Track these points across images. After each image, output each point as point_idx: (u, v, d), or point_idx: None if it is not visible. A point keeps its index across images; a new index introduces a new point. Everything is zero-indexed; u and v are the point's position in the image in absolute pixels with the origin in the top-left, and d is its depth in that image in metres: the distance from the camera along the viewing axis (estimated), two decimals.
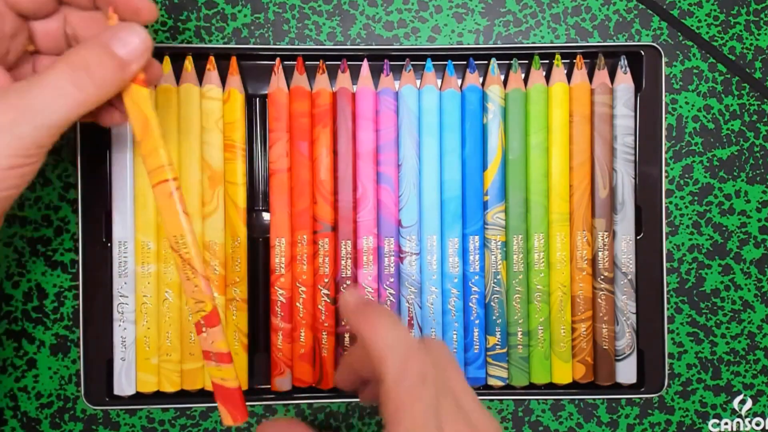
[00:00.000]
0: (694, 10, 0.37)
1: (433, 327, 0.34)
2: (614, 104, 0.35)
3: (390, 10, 0.37)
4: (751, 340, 0.38)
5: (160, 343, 0.34)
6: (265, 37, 0.36)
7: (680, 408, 0.38)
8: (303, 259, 0.34)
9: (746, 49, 0.38)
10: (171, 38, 0.36)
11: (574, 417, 0.37)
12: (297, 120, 0.34)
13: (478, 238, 0.35)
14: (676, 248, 0.38)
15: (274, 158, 0.34)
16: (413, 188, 0.34)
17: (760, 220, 0.38)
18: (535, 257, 0.35)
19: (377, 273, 0.34)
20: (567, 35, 0.37)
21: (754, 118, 0.38)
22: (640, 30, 0.37)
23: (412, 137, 0.34)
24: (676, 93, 0.37)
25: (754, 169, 0.38)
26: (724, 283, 0.38)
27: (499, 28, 0.37)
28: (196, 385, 0.34)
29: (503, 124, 0.35)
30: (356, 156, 0.34)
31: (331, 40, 0.37)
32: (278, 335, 0.34)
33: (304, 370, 0.34)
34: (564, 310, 0.35)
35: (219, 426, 0.36)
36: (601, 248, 0.35)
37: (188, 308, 0.25)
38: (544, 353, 0.35)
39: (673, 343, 0.37)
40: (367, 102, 0.34)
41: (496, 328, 0.35)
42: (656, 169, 0.35)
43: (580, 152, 0.35)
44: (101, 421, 0.36)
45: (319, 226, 0.34)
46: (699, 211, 0.38)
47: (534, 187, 0.35)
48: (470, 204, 0.35)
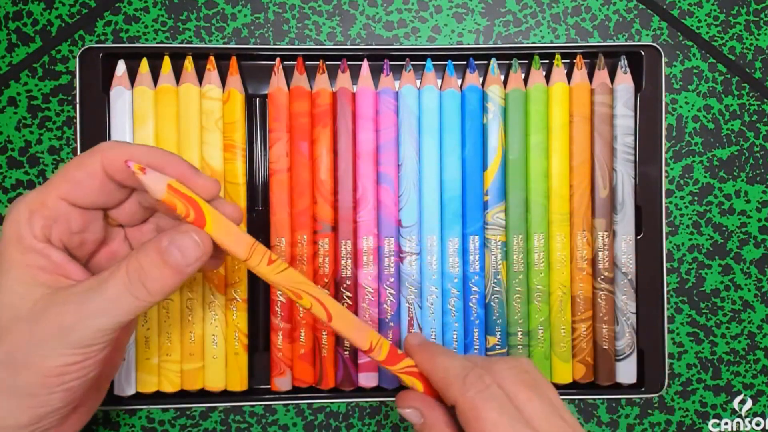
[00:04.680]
0: (694, 10, 0.37)
1: (433, 327, 0.34)
2: (614, 104, 0.35)
3: (390, 10, 0.37)
4: (751, 340, 0.38)
5: (160, 343, 0.34)
6: (265, 37, 0.36)
7: (680, 408, 0.38)
8: (303, 259, 0.34)
9: (746, 49, 0.38)
10: (171, 38, 0.36)
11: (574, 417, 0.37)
12: (297, 120, 0.34)
13: (478, 238, 0.35)
14: (676, 248, 0.38)
15: (274, 158, 0.34)
16: (413, 188, 0.34)
17: (760, 220, 0.38)
18: (535, 257, 0.35)
19: (377, 273, 0.34)
20: (567, 35, 0.37)
21: (754, 118, 0.38)
22: (640, 30, 0.37)
23: (412, 137, 0.34)
24: (676, 93, 0.37)
25: (754, 169, 0.38)
26: (724, 283, 0.38)
27: (499, 28, 0.37)
28: (196, 385, 0.34)
29: (503, 124, 0.35)
30: (356, 156, 0.34)
31: (331, 40, 0.37)
32: (278, 335, 0.34)
33: (304, 370, 0.34)
34: (564, 310, 0.35)
35: (219, 426, 0.36)
36: (601, 248, 0.35)
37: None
38: (544, 353, 0.35)
39: (673, 343, 0.37)
40: (367, 102, 0.34)
41: (496, 328, 0.35)
42: (656, 169, 0.35)
43: (580, 152, 0.35)
44: (101, 421, 0.36)
45: (319, 226, 0.34)
46: (699, 211, 0.38)
47: (534, 187, 0.35)
48: (470, 204, 0.35)
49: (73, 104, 0.36)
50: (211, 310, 0.34)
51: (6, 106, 0.36)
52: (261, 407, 0.37)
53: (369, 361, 0.34)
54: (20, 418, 0.23)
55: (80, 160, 0.24)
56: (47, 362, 0.22)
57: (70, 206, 0.24)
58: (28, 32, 0.36)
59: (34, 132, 0.36)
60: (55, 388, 0.23)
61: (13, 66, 0.36)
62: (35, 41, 0.36)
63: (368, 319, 0.34)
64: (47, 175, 0.36)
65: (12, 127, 0.36)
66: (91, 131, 0.34)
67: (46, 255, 0.23)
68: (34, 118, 0.36)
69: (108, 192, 0.24)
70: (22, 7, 0.36)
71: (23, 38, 0.36)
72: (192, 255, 0.23)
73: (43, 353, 0.22)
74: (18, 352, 0.22)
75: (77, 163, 0.24)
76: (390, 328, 0.34)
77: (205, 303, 0.34)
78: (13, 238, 0.23)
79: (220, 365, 0.34)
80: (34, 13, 0.36)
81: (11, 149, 0.36)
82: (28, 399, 0.23)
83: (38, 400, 0.23)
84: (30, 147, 0.36)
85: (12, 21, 0.36)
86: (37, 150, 0.36)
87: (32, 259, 0.23)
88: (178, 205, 0.23)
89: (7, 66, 0.36)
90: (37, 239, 0.23)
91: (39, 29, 0.36)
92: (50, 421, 0.24)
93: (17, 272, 0.23)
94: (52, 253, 0.23)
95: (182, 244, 0.23)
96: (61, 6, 0.36)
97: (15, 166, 0.36)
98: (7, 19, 0.36)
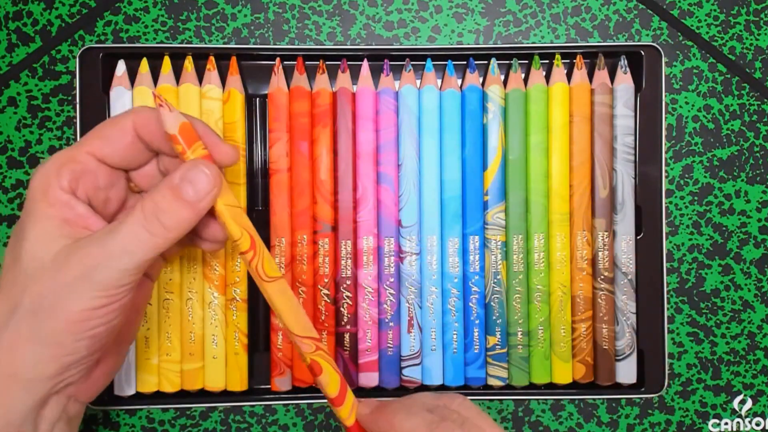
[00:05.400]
0: (694, 10, 0.37)
1: (433, 327, 0.34)
2: (614, 104, 0.35)
3: (390, 10, 0.37)
4: (751, 340, 0.38)
5: (160, 343, 0.34)
6: (265, 37, 0.36)
7: (680, 408, 0.38)
8: (303, 259, 0.34)
9: (746, 49, 0.38)
10: (171, 38, 0.36)
11: (574, 417, 0.37)
12: (297, 120, 0.34)
13: (478, 238, 0.35)
14: (676, 248, 0.38)
15: (274, 158, 0.34)
16: (413, 188, 0.34)
17: (760, 220, 0.38)
18: (535, 257, 0.35)
19: (377, 273, 0.34)
20: (567, 35, 0.37)
21: (754, 118, 0.38)
22: (640, 30, 0.37)
23: (412, 137, 0.34)
24: (676, 93, 0.37)
25: (754, 169, 0.38)
26: (724, 283, 0.38)
27: (499, 28, 0.37)
28: (196, 385, 0.34)
29: (503, 124, 0.35)
30: (356, 156, 0.34)
31: (331, 40, 0.37)
32: (278, 335, 0.34)
33: (304, 370, 0.34)
34: (564, 310, 0.35)
35: (219, 426, 0.36)
36: (601, 248, 0.35)
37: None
38: (544, 353, 0.35)
39: (673, 343, 0.37)
40: (367, 102, 0.34)
41: (496, 328, 0.35)
42: (656, 169, 0.35)
43: (580, 152, 0.35)
44: (101, 421, 0.36)
45: (319, 226, 0.34)
46: (699, 211, 0.38)
47: (534, 187, 0.35)
48: (470, 204, 0.35)
49: (73, 104, 0.36)
50: (211, 310, 0.34)
51: (6, 106, 0.36)
52: (261, 407, 0.37)
53: (369, 361, 0.34)
54: (47, 368, 0.23)
55: (113, 118, 0.25)
56: (73, 306, 0.23)
57: (97, 162, 0.25)
58: (28, 32, 0.36)
59: (34, 132, 0.36)
60: (81, 334, 0.23)
61: (13, 66, 0.36)
62: (35, 41, 0.36)
63: (368, 319, 0.34)
64: None
65: (12, 127, 0.36)
66: None
67: (72, 207, 0.24)
68: (34, 118, 0.36)
69: (135, 151, 0.25)
70: (22, 7, 0.36)
71: (23, 38, 0.36)
72: (203, 187, 0.24)
73: (69, 298, 0.23)
74: (44, 300, 0.23)
75: (110, 120, 0.25)
76: (390, 328, 0.34)
77: (205, 303, 0.34)
78: (39, 190, 0.24)
79: (220, 365, 0.34)
80: (34, 13, 0.36)
81: (11, 149, 0.36)
82: (54, 347, 0.23)
83: (64, 348, 0.23)
84: (30, 147, 0.36)
85: (12, 21, 0.36)
86: (37, 150, 0.36)
87: (57, 210, 0.24)
88: (181, 140, 0.24)
89: (7, 66, 0.36)
90: (63, 191, 0.24)
91: (39, 29, 0.36)
92: (75, 373, 0.24)
93: (42, 224, 0.24)
94: (76, 206, 0.24)
95: (193, 178, 0.24)
96: (61, 6, 0.36)
97: (15, 166, 0.36)
98: (7, 19, 0.36)
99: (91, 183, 0.25)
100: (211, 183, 0.24)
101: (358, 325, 0.35)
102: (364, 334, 0.34)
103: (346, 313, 0.34)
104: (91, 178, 0.25)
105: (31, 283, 0.23)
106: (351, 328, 0.34)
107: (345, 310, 0.34)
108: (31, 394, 0.24)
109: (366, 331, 0.34)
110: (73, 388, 0.25)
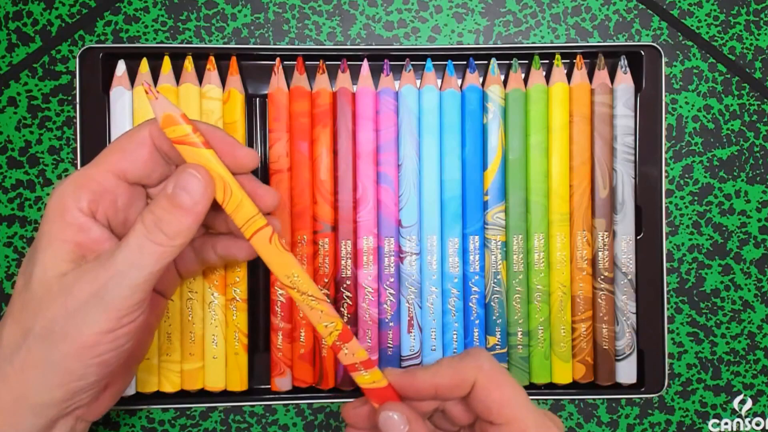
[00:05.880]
0: (694, 10, 0.37)
1: (433, 327, 0.34)
2: (614, 104, 0.35)
3: (390, 10, 0.37)
4: (751, 340, 0.38)
5: (160, 343, 0.34)
6: (265, 37, 0.36)
7: (680, 408, 0.38)
8: (303, 259, 0.34)
9: (746, 49, 0.38)
10: (171, 38, 0.36)
11: (574, 417, 0.37)
12: (297, 120, 0.34)
13: (478, 238, 0.35)
14: (676, 248, 0.38)
15: (274, 158, 0.34)
16: (413, 188, 0.34)
17: (760, 220, 0.38)
18: (535, 257, 0.35)
19: (377, 273, 0.34)
20: (567, 35, 0.37)
21: (754, 118, 0.38)
22: (640, 30, 0.37)
23: (412, 137, 0.34)
24: (676, 93, 0.37)
25: (754, 169, 0.38)
26: (724, 283, 0.38)
27: (499, 28, 0.37)
28: (196, 385, 0.34)
29: (503, 124, 0.35)
30: (356, 156, 0.34)
31: (331, 40, 0.37)
32: (278, 335, 0.34)
33: (304, 370, 0.34)
34: (564, 310, 0.35)
35: (219, 426, 0.36)
36: (601, 248, 0.35)
37: (321, 335, 0.27)
38: (544, 353, 0.35)
39: (673, 343, 0.37)
40: (367, 102, 0.34)
41: (496, 328, 0.35)
42: (656, 169, 0.35)
43: (580, 152, 0.35)
44: (101, 421, 0.36)
45: (319, 226, 0.34)
46: (699, 211, 0.38)
47: (534, 187, 0.35)
48: (470, 204, 0.35)
49: (73, 104, 0.36)
50: (211, 310, 0.34)
51: (6, 106, 0.36)
52: (261, 407, 0.37)
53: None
54: (55, 394, 0.23)
55: (130, 131, 0.25)
56: (83, 330, 0.23)
57: (117, 180, 0.25)
58: (28, 32, 0.36)
59: (34, 132, 0.36)
60: (91, 359, 0.23)
61: (13, 66, 0.36)
62: (35, 41, 0.36)
63: (368, 319, 0.34)
64: (47, 176, 0.36)
65: (12, 127, 0.36)
66: (91, 131, 0.34)
67: (86, 230, 0.24)
68: (34, 118, 0.36)
69: (154, 163, 0.25)
70: (22, 7, 0.36)
71: (23, 38, 0.36)
72: (197, 191, 0.24)
73: (79, 322, 0.23)
74: (55, 325, 0.23)
75: (127, 133, 0.25)
76: (390, 328, 0.34)
77: (205, 303, 0.34)
78: (56, 211, 0.24)
79: (220, 365, 0.34)
80: (34, 13, 0.36)
81: (11, 149, 0.36)
82: (64, 374, 0.23)
83: (74, 374, 0.23)
84: (30, 147, 0.36)
85: (12, 21, 0.36)
86: (37, 150, 0.36)
87: (71, 234, 0.24)
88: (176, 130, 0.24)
89: (7, 66, 0.36)
90: (82, 213, 0.24)
91: (39, 29, 0.36)
92: (83, 398, 0.24)
93: (54, 247, 0.24)
94: (92, 228, 0.24)
95: (186, 184, 0.23)
96: (61, 6, 0.36)
97: (15, 166, 0.36)
98: (7, 19, 0.36)
99: (110, 203, 0.25)
100: (203, 185, 0.24)
101: (358, 325, 0.35)
102: (364, 334, 0.34)
103: (347, 313, 0.34)
104: (111, 198, 0.25)
105: (42, 308, 0.23)
106: (351, 328, 0.34)
107: (345, 310, 0.34)
108: (40, 418, 0.24)
109: (366, 330, 0.34)
110: (81, 410, 0.25)
